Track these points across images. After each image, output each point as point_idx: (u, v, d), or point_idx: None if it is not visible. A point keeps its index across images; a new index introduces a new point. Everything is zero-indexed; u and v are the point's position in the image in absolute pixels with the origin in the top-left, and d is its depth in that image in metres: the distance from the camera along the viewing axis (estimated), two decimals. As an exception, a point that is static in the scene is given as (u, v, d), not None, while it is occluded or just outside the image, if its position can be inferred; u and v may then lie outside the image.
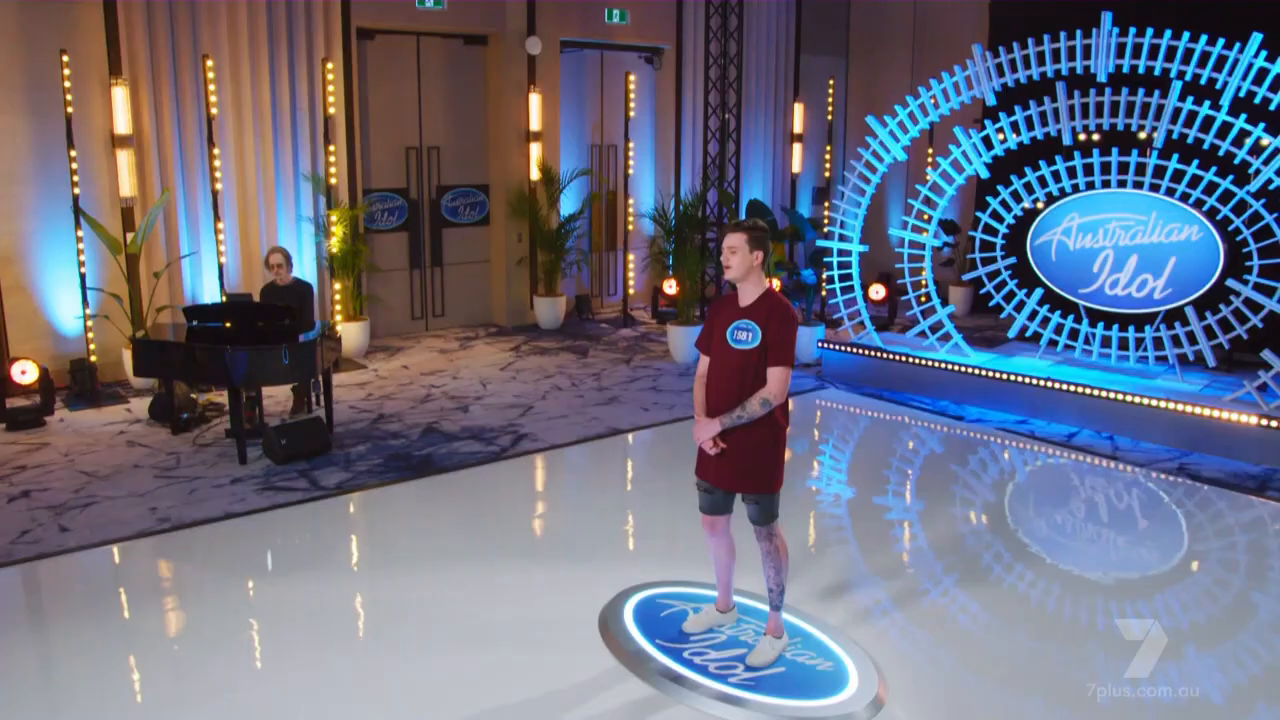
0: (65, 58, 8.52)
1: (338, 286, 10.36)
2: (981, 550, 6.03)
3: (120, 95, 8.98)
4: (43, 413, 8.25)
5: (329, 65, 10.01)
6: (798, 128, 14.02)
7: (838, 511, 6.79)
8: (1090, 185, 8.66)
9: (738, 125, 10.83)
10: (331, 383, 8.19)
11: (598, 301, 13.25)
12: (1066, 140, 8.51)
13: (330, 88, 10.03)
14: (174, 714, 4.27)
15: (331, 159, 10.15)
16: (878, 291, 12.11)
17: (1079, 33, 8.25)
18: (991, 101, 8.84)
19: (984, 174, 9.08)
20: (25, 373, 8.19)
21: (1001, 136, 8.85)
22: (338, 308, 10.35)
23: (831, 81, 13.35)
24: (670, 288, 11.75)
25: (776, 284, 11.40)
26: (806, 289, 10.62)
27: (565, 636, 4.86)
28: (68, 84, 8.55)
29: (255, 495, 6.73)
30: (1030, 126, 8.69)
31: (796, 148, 14.11)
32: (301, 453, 7.41)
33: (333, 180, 10.17)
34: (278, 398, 8.94)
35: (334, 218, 10.11)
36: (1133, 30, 8.04)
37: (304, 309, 8.30)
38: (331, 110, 10.10)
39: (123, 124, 9.03)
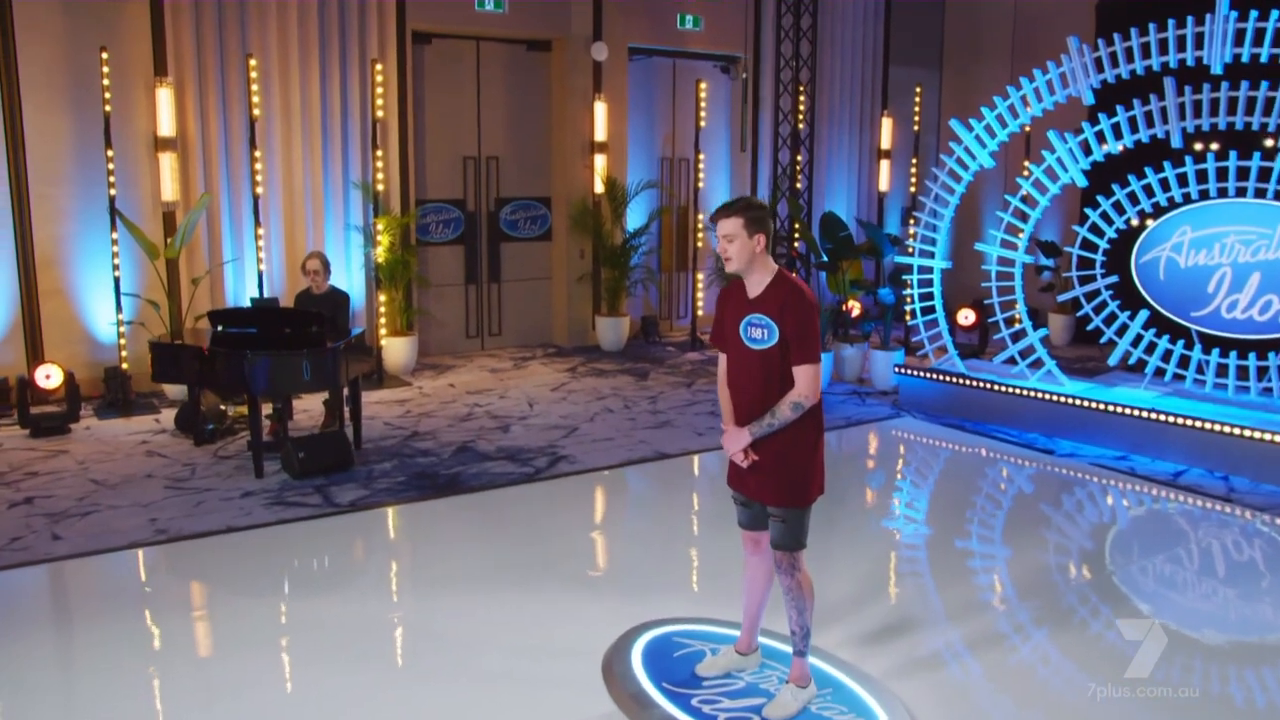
0: (105, 55, 8.52)
1: (383, 299, 10.14)
2: (1073, 602, 5.34)
3: (165, 96, 8.96)
4: (68, 420, 8.17)
5: (378, 67, 9.86)
6: (885, 143, 13.43)
7: (909, 552, 6.18)
8: (1204, 194, 7.90)
9: (811, 132, 10.32)
10: (360, 396, 7.95)
11: (666, 324, 12.82)
12: (1176, 143, 7.78)
13: (379, 90, 9.87)
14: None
15: (379, 164, 9.97)
16: (967, 317, 11.40)
17: (1189, 19, 7.53)
18: (1089, 100, 8.17)
19: (1081, 182, 8.38)
20: (50, 377, 8.14)
21: (1102, 141, 8.16)
22: (382, 321, 10.13)
23: (919, 89, 12.75)
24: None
25: (857, 307, 10.83)
26: (884, 309, 10.01)
27: (562, 672, 4.40)
28: (107, 82, 8.54)
29: (263, 510, 6.47)
30: (1134, 128, 7.98)
31: (884, 164, 13.51)
32: (320, 467, 7.15)
33: (380, 187, 9.99)
34: (312, 413, 8.73)
35: (380, 226, 9.92)
36: (1254, 14, 7.30)
37: (338, 318, 8.11)
38: (380, 114, 9.93)
39: (166, 126, 9.01)
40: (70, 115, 8.79)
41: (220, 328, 7.50)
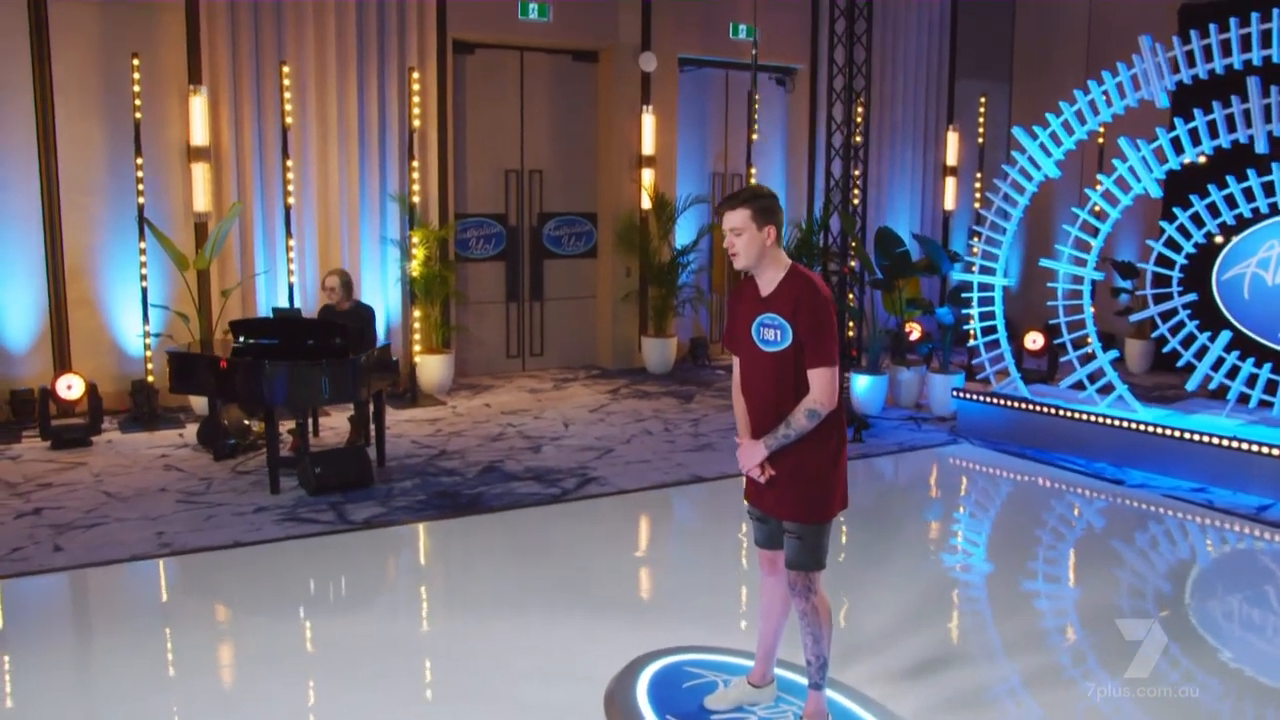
0: (136, 61, 8.60)
1: (418, 314, 10.06)
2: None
3: (198, 105, 9.01)
4: (89, 432, 8.18)
5: (415, 75, 9.84)
6: (951, 159, 13.09)
7: (961, 586, 5.81)
8: (1292, 204, 7.46)
9: (865, 143, 10.03)
10: (384, 412, 7.83)
11: (717, 347, 12.58)
12: (1261, 148, 7.35)
13: (415, 99, 9.84)
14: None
15: (415, 175, 9.92)
16: (1035, 341, 10.95)
17: (1275, 12, 7.12)
18: (1163, 104, 7.78)
19: (1155, 193, 7.97)
20: (71, 388, 8.16)
21: (1178, 148, 7.75)
22: (417, 337, 10.04)
23: (983, 100, 12.39)
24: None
25: (916, 330, 10.48)
26: (944, 330, 9.65)
27: (564, 699, 4.17)
28: (137, 89, 8.61)
29: (273, 525, 6.37)
30: (1214, 134, 7.56)
31: (949, 182, 13.17)
32: (338, 484, 7.03)
33: (415, 199, 9.93)
34: (340, 430, 8.65)
35: (416, 239, 9.85)
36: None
37: (364, 334, 8.03)
38: (416, 123, 9.90)
39: (199, 135, 9.06)
40: (103, 122, 8.89)
41: (242, 339, 7.47)
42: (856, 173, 9.98)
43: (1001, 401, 8.67)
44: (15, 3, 8.40)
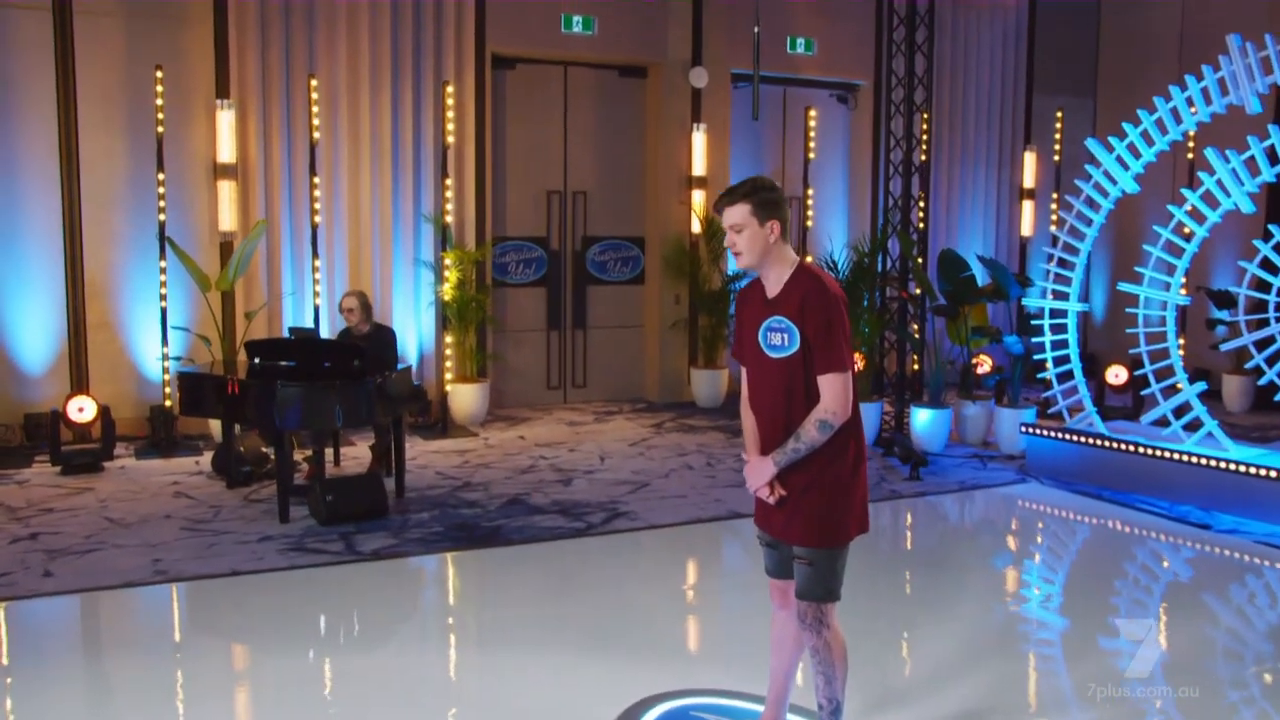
0: (159, 74, 8.73)
1: (450, 340, 10.00)
2: (1237, 704, 4.60)
3: (226, 119, 9.11)
4: (100, 457, 8.21)
5: (449, 89, 9.85)
6: (1028, 181, 12.76)
7: (1023, 639, 5.50)
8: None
9: (926, 160, 9.79)
10: (404, 440, 7.76)
11: (771, 380, 12.30)
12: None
13: (450, 114, 9.85)
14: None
15: (448, 194, 9.91)
16: (1118, 375, 10.54)
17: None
18: (1255, 109, 7.43)
19: (1247, 207, 7.59)
20: (83, 410, 8.21)
21: (1274, 159, 7.39)
22: (449, 365, 9.97)
23: (1059, 114, 12.09)
24: (860, 366, 10.67)
25: (987, 363, 10.13)
26: (1013, 361, 9.31)
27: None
28: (160, 102, 8.74)
29: (276, 555, 6.31)
30: (1312, 142, 7.20)
31: (1026, 206, 12.83)
32: (350, 513, 6.94)
33: (449, 219, 9.91)
34: (363, 460, 8.59)
35: (449, 261, 9.81)
36: None
37: (383, 357, 8.00)
38: (450, 139, 9.90)
39: (226, 151, 9.15)
40: (127, 136, 9.04)
41: (257, 360, 7.46)
42: (920, 192, 9.74)
43: (1075, 438, 8.30)
44: (40, 15, 8.59)
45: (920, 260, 9.63)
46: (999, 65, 12.86)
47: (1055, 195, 11.55)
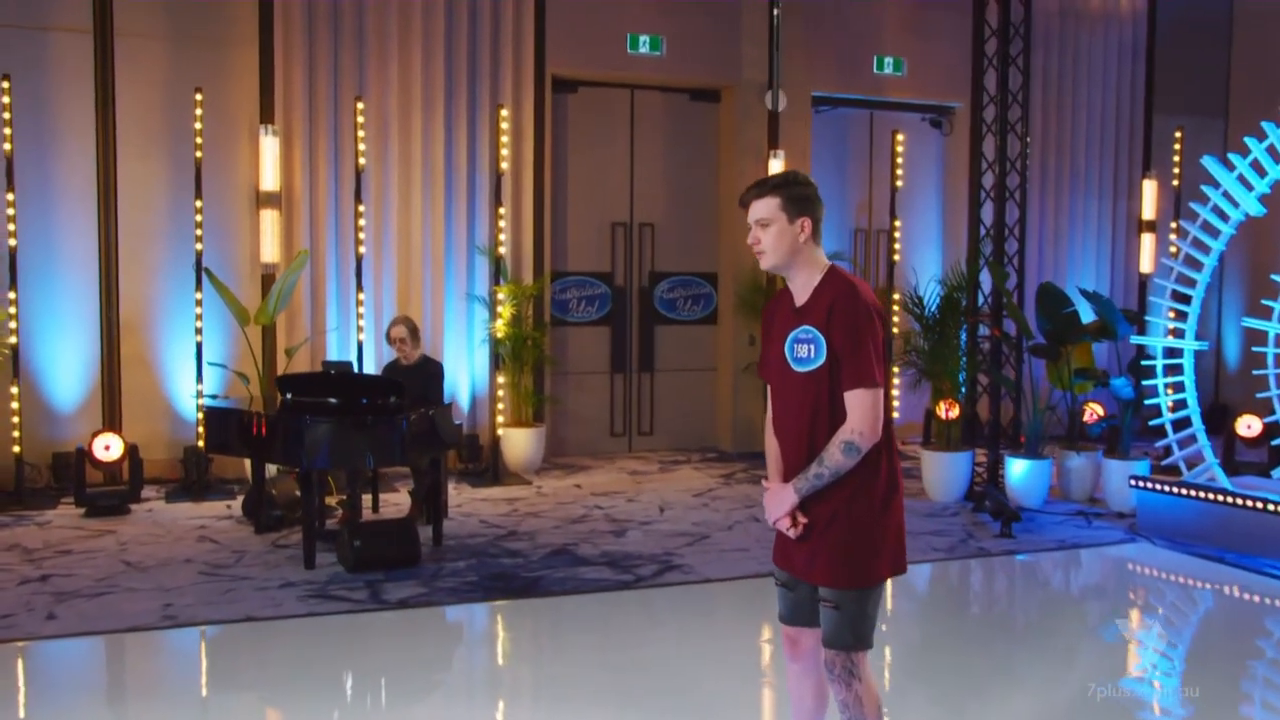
0: (199, 96, 8.96)
1: (502, 381, 9.99)
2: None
3: (270, 145, 9.31)
4: (127, 499, 8.34)
5: (503, 112, 9.94)
6: (1148, 212, 12.36)
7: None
8: None
9: (1021, 183, 9.54)
10: (442, 483, 7.75)
11: (857, 430, 12.05)
12: None
13: (504, 139, 9.93)
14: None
15: (502, 224, 9.95)
16: (1250, 426, 10.05)
17: None
18: (1393, 120, 7.08)
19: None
20: (109, 448, 8.35)
21: None
22: (501, 407, 9.96)
23: (1178, 134, 11.73)
24: (949, 411, 10.34)
25: (1098, 410, 9.77)
26: (1122, 407, 8.95)
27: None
28: (199, 126, 8.96)
29: (296, 602, 6.31)
30: None
31: (1146, 239, 12.42)
32: (379, 560, 6.93)
33: (501, 249, 9.95)
34: (403, 507, 8.58)
35: (501, 295, 9.84)
36: None
37: (429, 391, 8.04)
38: (504, 165, 9.96)
39: (270, 179, 9.34)
40: (167, 164, 9.28)
41: (289, 395, 7.53)
42: (1017, 221, 9.50)
43: (1193, 493, 7.90)
44: (80, 41, 8.90)
45: (1018, 296, 9.35)
46: (1114, 83, 12.55)
47: (1174, 225, 11.17)
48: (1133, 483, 8.31)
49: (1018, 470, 8.88)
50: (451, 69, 10.06)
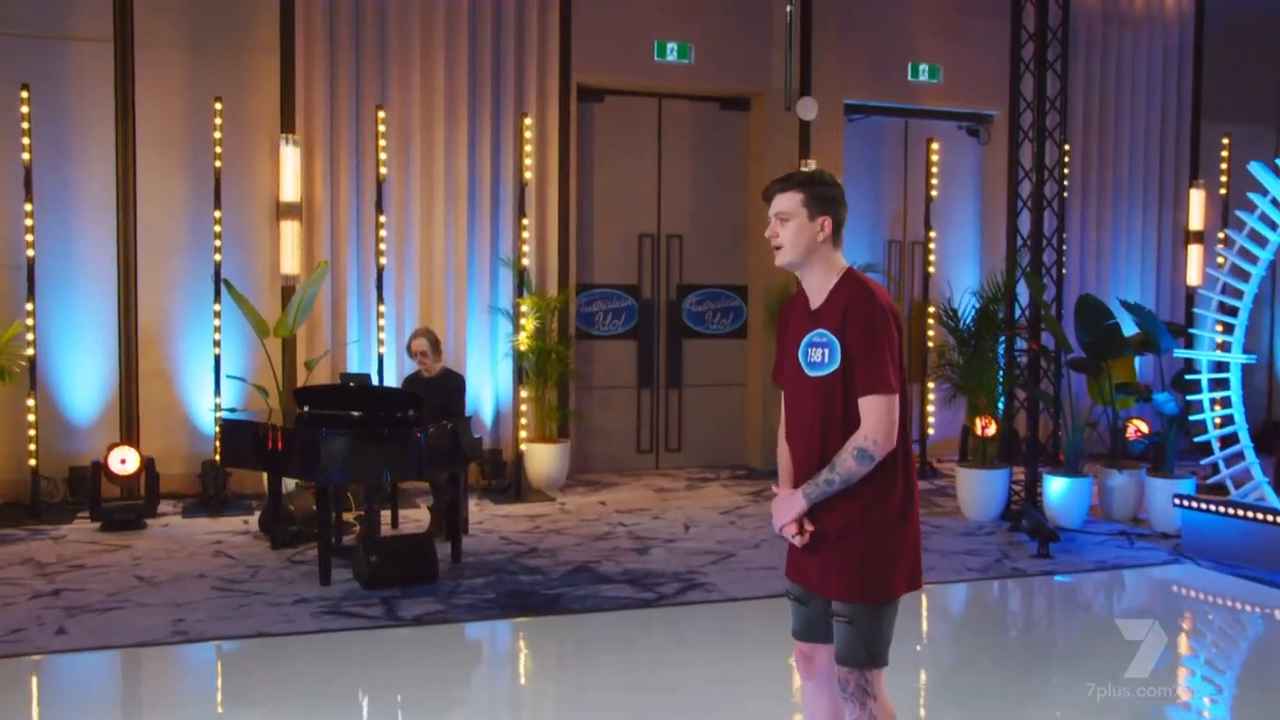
0: (218, 106, 9.04)
1: (525, 395, 9.99)
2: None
3: (290, 155, 9.38)
4: (143, 514, 8.40)
5: (526, 121, 9.96)
6: (1195, 222, 12.21)
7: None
8: None
9: (1060, 191, 9.45)
10: (461, 499, 7.76)
11: (892, 447, 11.96)
12: None
13: (528, 148, 9.95)
14: None
15: (525, 235, 9.97)
16: (1303, 443, 9.89)
17: None
18: None
19: None
20: (125, 462, 8.42)
21: None
22: (524, 422, 9.95)
23: (1226, 141, 11.59)
24: (985, 427, 10.22)
25: (1142, 427, 9.64)
26: (1166, 423, 8.82)
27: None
28: (218, 135, 9.04)
29: (309, 618, 6.33)
30: None
31: (1193, 251, 12.27)
32: (396, 577, 6.93)
33: (525, 261, 9.96)
34: (423, 523, 8.60)
35: (524, 307, 9.85)
36: None
37: (450, 404, 8.06)
38: (527, 175, 9.99)
39: (290, 189, 9.41)
40: (186, 174, 9.37)
41: (306, 408, 7.55)
42: (1055, 230, 9.41)
43: (1241, 513, 7.76)
44: (100, 50, 9.02)
45: (1057, 308, 9.24)
46: (1159, 89, 12.42)
47: (1221, 236, 11.04)
48: (1177, 502, 8.18)
49: (1056, 488, 8.77)
50: (475, 77, 10.11)
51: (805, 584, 3.46)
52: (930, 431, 11.24)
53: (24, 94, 8.53)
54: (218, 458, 9.10)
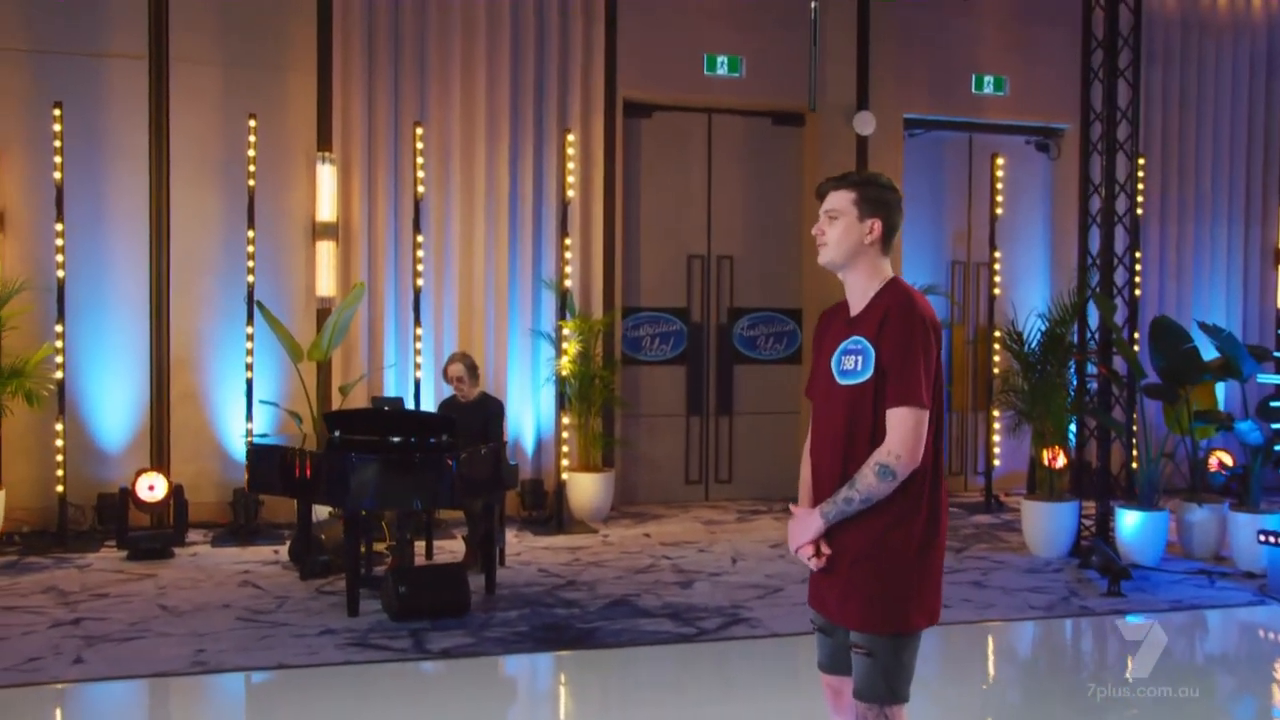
0: (253, 123, 9.19)
1: (568, 422, 10.00)
2: None
3: (326, 173, 9.51)
4: (171, 542, 8.50)
5: (569, 137, 10.02)
6: (1282, 241, 12.00)
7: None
8: None
9: (1132, 207, 9.32)
10: (496, 528, 7.77)
11: (958, 480, 11.82)
12: None
13: (570, 166, 10.00)
14: None
15: (568, 255, 10.01)
16: (1401, 476, 9.63)
17: None
18: None
19: None
20: (154, 488, 8.53)
21: None
22: (566, 450, 9.95)
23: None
24: (1054, 458, 10.05)
25: (1226, 459, 9.43)
26: (1251, 454, 8.62)
27: None
28: (253, 153, 9.18)
29: (334, 650, 6.36)
30: None
31: (1282, 271, 12.05)
32: (426, 608, 6.95)
33: (567, 282, 9.99)
34: (458, 553, 8.62)
35: (567, 330, 9.87)
36: None
37: (488, 429, 8.09)
38: (570, 193, 10.03)
39: (326, 208, 9.54)
40: (221, 194, 9.54)
41: (337, 433, 7.61)
42: (1128, 249, 9.28)
43: (1329, 548, 7.57)
44: (133, 67, 9.24)
45: (1128, 331, 9.09)
46: (1245, 98, 12.21)
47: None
48: (1262, 538, 7.96)
49: (1130, 523, 8.59)
50: (517, 92, 10.20)
51: (826, 613, 3.42)
52: (996, 463, 11.08)
53: (56, 111, 8.74)
54: (247, 484, 9.19)
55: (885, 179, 3.50)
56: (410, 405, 9.45)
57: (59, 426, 8.78)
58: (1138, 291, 10.06)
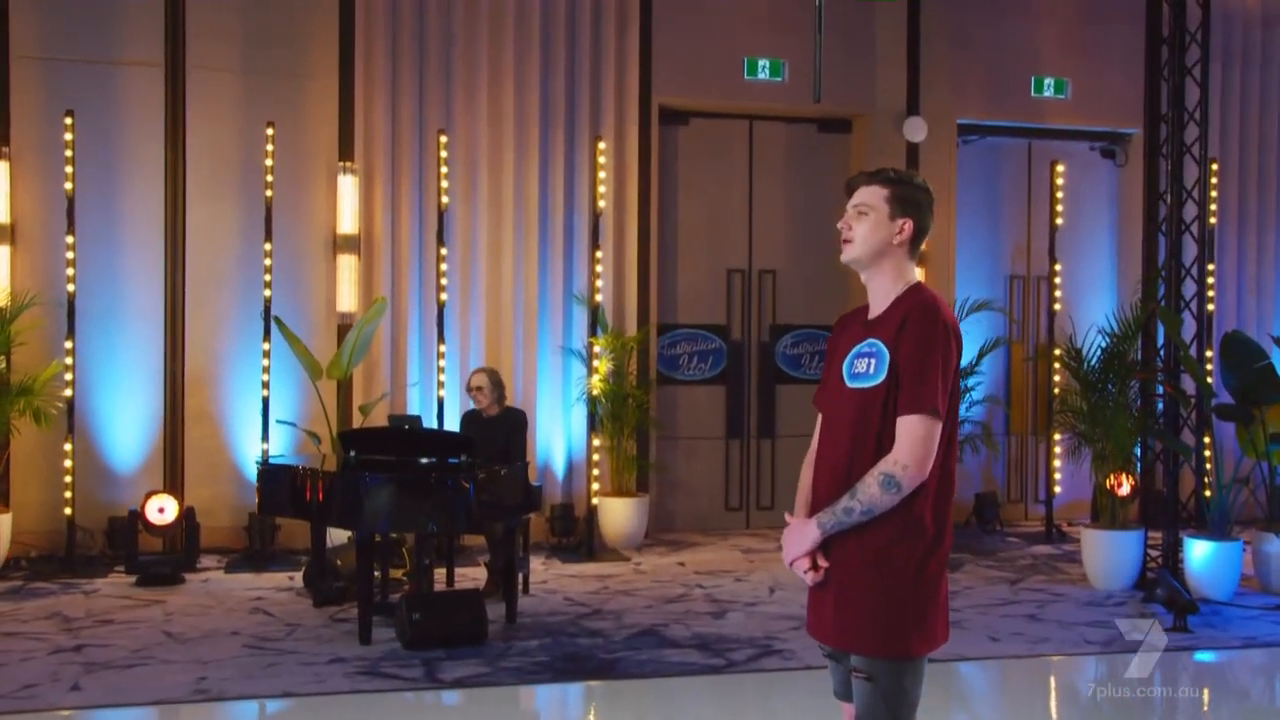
0: (270, 131, 9.29)
1: (598, 443, 9.99)
2: None
3: (348, 185, 9.61)
4: (181, 567, 8.57)
5: (600, 145, 10.04)
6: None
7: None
8: None
9: (1201, 215, 9.17)
10: (516, 554, 7.77)
11: (1016, 508, 11.68)
12: None
13: (602, 175, 10.03)
14: None
15: (599, 269, 10.02)
16: None
17: None
18: None
19: None
20: (164, 511, 8.61)
21: None
22: (596, 473, 9.94)
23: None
24: (1118, 485, 9.88)
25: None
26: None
27: None
28: (270, 163, 9.28)
29: (341, 679, 6.40)
30: None
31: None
32: (440, 636, 6.96)
33: (599, 297, 10.00)
34: (480, 580, 8.63)
35: (597, 347, 9.87)
36: None
37: (511, 444, 8.14)
38: (601, 204, 10.05)
39: (348, 221, 9.63)
40: (236, 204, 9.65)
41: (353, 453, 7.65)
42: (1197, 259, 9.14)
43: None
44: (149, 74, 9.39)
45: (1196, 347, 8.95)
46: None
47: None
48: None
49: (1200, 554, 8.42)
50: (547, 99, 10.24)
51: (823, 636, 3.37)
52: (1057, 489, 10.93)
53: (68, 120, 8.89)
54: (258, 507, 9.27)
55: (920, 179, 3.48)
56: (431, 424, 9.48)
57: (68, 446, 8.89)
58: (1210, 306, 9.90)
